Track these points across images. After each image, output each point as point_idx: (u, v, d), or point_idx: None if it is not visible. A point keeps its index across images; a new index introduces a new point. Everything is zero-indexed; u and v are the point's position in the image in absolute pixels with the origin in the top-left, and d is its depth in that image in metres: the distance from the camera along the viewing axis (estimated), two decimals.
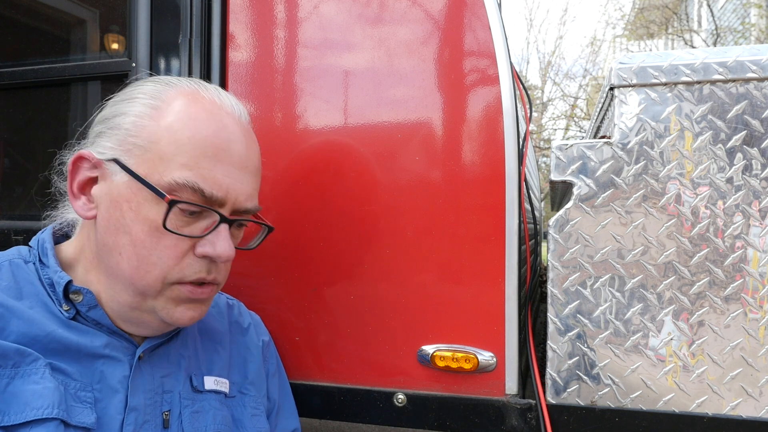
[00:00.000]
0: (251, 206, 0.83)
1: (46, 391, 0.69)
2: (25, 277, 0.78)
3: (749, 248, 0.95)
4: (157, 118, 0.77)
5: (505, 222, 1.02)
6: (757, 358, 0.94)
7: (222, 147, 0.77)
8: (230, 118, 0.81)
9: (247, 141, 0.83)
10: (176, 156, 0.74)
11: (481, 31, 1.05)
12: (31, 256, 0.81)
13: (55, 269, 0.78)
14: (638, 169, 0.98)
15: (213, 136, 0.77)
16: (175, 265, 0.76)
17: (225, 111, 0.81)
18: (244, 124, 0.84)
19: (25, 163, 1.44)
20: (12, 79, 1.39)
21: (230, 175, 0.78)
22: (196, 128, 0.76)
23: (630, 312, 0.98)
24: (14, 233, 1.35)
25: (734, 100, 0.95)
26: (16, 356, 0.70)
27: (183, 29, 1.19)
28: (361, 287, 1.10)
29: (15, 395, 0.68)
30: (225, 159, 0.78)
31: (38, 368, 0.71)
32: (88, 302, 0.77)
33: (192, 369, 0.87)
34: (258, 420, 0.93)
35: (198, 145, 0.75)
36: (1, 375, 0.69)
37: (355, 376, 1.11)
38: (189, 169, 0.74)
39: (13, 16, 1.49)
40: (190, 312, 0.79)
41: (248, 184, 0.82)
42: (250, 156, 0.82)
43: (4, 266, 0.78)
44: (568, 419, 1.00)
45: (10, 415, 0.67)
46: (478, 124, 1.04)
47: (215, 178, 0.76)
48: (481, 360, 1.03)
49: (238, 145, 0.80)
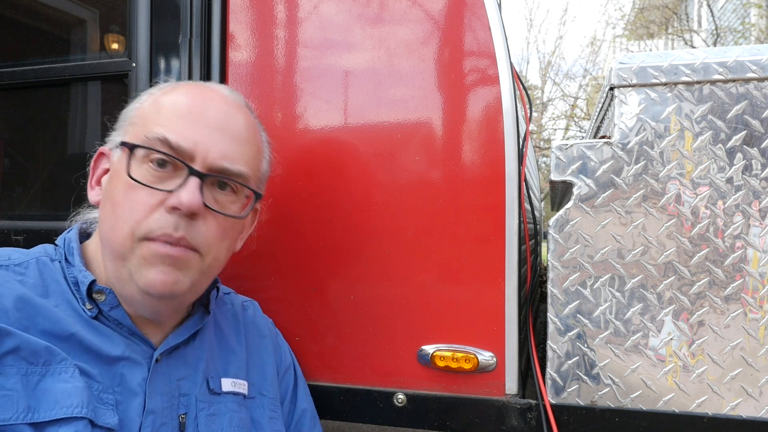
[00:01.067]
0: (231, 167, 0.82)
1: (76, 390, 0.70)
2: (51, 275, 0.79)
3: (749, 248, 0.95)
4: (150, 100, 0.84)
5: (505, 222, 1.02)
6: (757, 358, 0.94)
7: (198, 111, 0.81)
8: (216, 94, 0.86)
9: (230, 108, 0.85)
10: (154, 119, 0.80)
11: (481, 31, 1.05)
12: (57, 254, 0.82)
13: (80, 268, 0.79)
14: (638, 169, 0.98)
15: (190, 102, 0.82)
16: (143, 219, 0.76)
17: (213, 90, 0.87)
18: (233, 100, 0.87)
19: (25, 163, 1.44)
20: (12, 79, 1.39)
21: (202, 133, 0.80)
22: (177, 97, 0.83)
23: (630, 312, 0.98)
24: (14, 233, 1.35)
25: (734, 100, 0.95)
26: (47, 354, 0.71)
27: (183, 29, 1.19)
28: (361, 287, 1.10)
29: (45, 393, 0.69)
30: (199, 119, 0.81)
31: (68, 367, 0.72)
32: (110, 302, 0.78)
33: (209, 371, 0.87)
34: (276, 423, 0.93)
35: (173, 107, 0.81)
36: (32, 372, 0.70)
37: (355, 376, 1.11)
38: (161, 126, 0.79)
39: (13, 16, 1.49)
40: (162, 276, 0.76)
41: (225, 144, 0.82)
42: (231, 120, 0.84)
43: (31, 264, 0.79)
44: (568, 419, 1.00)
45: (40, 412, 0.68)
46: (478, 124, 1.04)
47: (183, 133, 0.79)
48: (481, 360, 1.03)
49: (215, 108, 0.83)
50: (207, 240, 0.80)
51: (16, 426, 0.66)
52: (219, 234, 0.82)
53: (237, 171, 0.82)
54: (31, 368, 0.70)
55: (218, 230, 0.82)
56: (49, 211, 1.38)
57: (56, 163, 1.40)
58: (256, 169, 0.90)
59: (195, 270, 0.80)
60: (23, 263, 0.78)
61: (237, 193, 0.85)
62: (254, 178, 0.88)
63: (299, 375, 1.06)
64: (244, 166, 0.84)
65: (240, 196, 0.86)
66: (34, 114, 1.42)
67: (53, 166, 1.41)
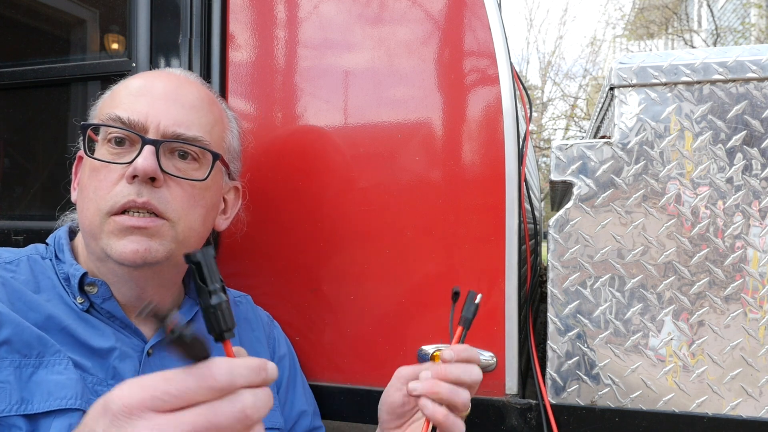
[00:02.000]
0: (185, 132, 0.83)
1: (70, 381, 0.71)
2: (42, 272, 0.80)
3: (749, 248, 0.95)
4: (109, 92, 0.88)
5: (505, 222, 1.02)
6: (757, 358, 0.94)
7: (146, 86, 0.84)
8: (166, 73, 0.89)
9: (180, 82, 0.87)
10: (110, 104, 0.84)
11: (481, 31, 1.05)
12: (47, 252, 0.84)
13: (71, 262, 0.81)
14: (638, 169, 0.98)
15: (140, 80, 0.86)
16: (107, 194, 0.78)
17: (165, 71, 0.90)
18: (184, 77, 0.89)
19: (25, 163, 1.44)
20: (12, 79, 1.39)
21: (152, 104, 0.82)
22: (130, 81, 0.86)
23: (630, 312, 0.98)
24: (14, 233, 1.35)
25: (734, 100, 0.95)
26: (40, 345, 0.71)
27: (183, 29, 1.19)
28: (360, 287, 1.10)
29: (39, 384, 0.69)
30: (147, 93, 0.83)
31: (62, 359, 0.72)
32: (102, 294, 0.79)
33: None
34: (273, 414, 0.94)
35: (126, 89, 0.84)
36: (25, 364, 0.70)
37: (355, 376, 1.11)
38: (114, 108, 0.81)
39: (13, 16, 1.49)
40: (132, 244, 0.77)
41: (176, 112, 0.83)
42: (180, 91, 0.85)
43: (22, 261, 0.80)
44: (568, 419, 1.00)
45: (33, 403, 0.68)
46: (478, 124, 1.04)
47: (134, 107, 0.81)
48: (481, 360, 1.03)
49: (165, 82, 0.85)
50: (174, 206, 0.81)
51: (10, 418, 0.66)
52: (187, 200, 0.82)
53: (192, 136, 0.83)
54: (25, 360, 0.70)
55: (185, 196, 0.82)
56: (49, 211, 1.38)
57: (56, 163, 1.40)
58: (219, 139, 0.90)
59: (168, 238, 0.80)
60: (14, 261, 0.79)
61: (199, 161, 0.85)
62: (217, 147, 0.88)
63: (298, 371, 1.06)
64: (199, 131, 0.84)
65: (202, 163, 0.86)
66: (34, 114, 1.42)
67: (53, 166, 1.41)
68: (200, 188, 0.84)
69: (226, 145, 0.92)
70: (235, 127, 0.96)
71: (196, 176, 0.84)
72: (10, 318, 0.71)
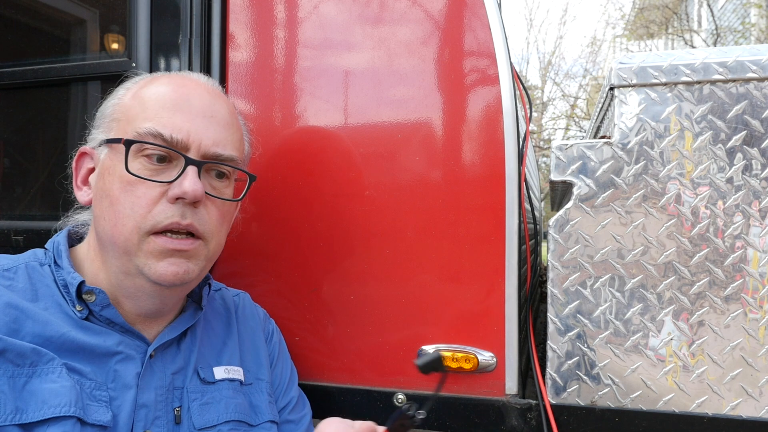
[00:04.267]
0: (223, 152, 0.83)
1: (63, 389, 0.71)
2: (41, 279, 0.80)
3: (749, 248, 0.95)
4: (129, 95, 0.85)
5: (505, 222, 1.02)
6: (757, 358, 0.94)
7: (182, 99, 0.82)
8: (192, 81, 0.87)
9: (212, 96, 0.86)
10: (141, 113, 0.81)
11: (481, 31, 1.05)
12: (46, 258, 0.83)
13: (69, 270, 0.80)
14: (638, 169, 0.98)
15: (172, 92, 0.83)
16: (147, 213, 0.77)
17: (191, 79, 0.88)
18: (212, 88, 0.89)
19: (25, 163, 1.44)
20: (12, 79, 1.39)
21: (192, 121, 0.81)
22: (158, 89, 0.83)
23: (630, 312, 0.98)
24: (14, 233, 1.35)
25: (734, 100, 0.95)
26: (33, 355, 0.71)
27: (183, 29, 1.19)
28: (360, 287, 1.10)
29: (33, 393, 0.70)
30: (185, 108, 0.82)
31: (55, 367, 0.72)
32: (101, 302, 0.79)
33: (199, 362, 0.88)
34: (275, 407, 0.95)
35: (158, 100, 0.81)
36: (18, 374, 0.70)
37: (355, 376, 1.11)
38: (150, 120, 0.79)
39: (13, 16, 1.49)
40: (173, 267, 0.78)
41: (214, 131, 0.83)
42: (215, 107, 0.85)
43: (20, 269, 0.80)
44: (568, 419, 1.00)
45: (28, 412, 0.68)
46: (478, 124, 1.04)
47: (175, 123, 0.80)
48: (481, 360, 1.03)
49: (199, 97, 0.84)
50: (210, 226, 0.82)
51: (5, 427, 0.66)
52: (219, 219, 0.84)
53: (229, 155, 0.84)
54: (18, 370, 0.70)
55: (218, 216, 0.84)
56: (49, 211, 1.38)
57: (56, 163, 1.40)
58: (242, 152, 0.92)
59: (202, 257, 0.82)
60: (12, 269, 0.79)
61: (230, 177, 0.87)
62: (241, 160, 0.90)
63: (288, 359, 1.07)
64: (233, 150, 0.86)
65: (231, 180, 0.88)
66: (34, 114, 1.42)
67: (53, 166, 1.41)
68: (229, 206, 0.87)
69: (245, 155, 0.94)
70: (247, 136, 0.98)
71: (227, 194, 0.86)
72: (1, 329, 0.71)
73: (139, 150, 0.79)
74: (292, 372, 1.06)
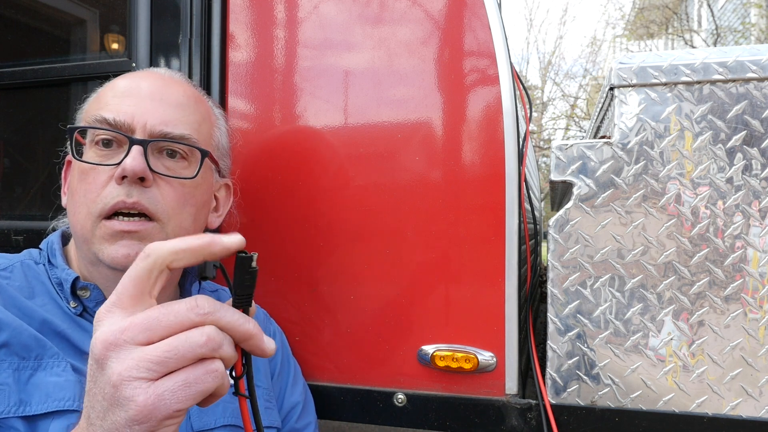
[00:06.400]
0: (173, 131, 0.82)
1: (68, 383, 0.71)
2: (36, 277, 0.80)
3: (749, 248, 0.95)
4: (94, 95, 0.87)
5: (505, 222, 1.02)
6: (757, 358, 0.94)
7: (131, 87, 0.83)
8: (152, 73, 0.88)
9: (165, 82, 0.86)
10: (96, 106, 0.83)
11: (481, 31, 1.05)
12: (41, 257, 0.84)
13: (63, 267, 0.80)
14: (638, 169, 0.98)
15: (125, 81, 0.85)
16: (97, 197, 0.77)
17: (151, 71, 0.89)
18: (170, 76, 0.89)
19: (25, 163, 1.44)
20: (12, 79, 1.39)
21: (138, 105, 0.81)
22: (114, 82, 0.85)
23: (630, 312, 0.98)
24: (14, 233, 1.35)
25: (734, 100, 0.95)
26: (38, 348, 0.72)
27: (183, 29, 1.19)
28: (360, 287, 1.10)
29: (37, 386, 0.70)
30: (133, 94, 0.82)
31: (60, 361, 0.73)
32: (95, 297, 0.79)
33: None
34: (271, 413, 0.94)
35: (111, 91, 0.84)
36: (24, 367, 0.70)
37: (355, 376, 1.11)
38: (100, 109, 0.81)
39: (13, 16, 1.49)
40: (124, 249, 0.77)
41: (163, 111, 0.82)
42: (166, 91, 0.85)
43: (16, 267, 0.80)
44: (568, 419, 1.00)
45: (32, 405, 0.68)
46: (478, 124, 1.04)
47: (119, 108, 0.80)
48: (481, 360, 1.03)
49: (150, 83, 0.84)
50: (164, 206, 0.80)
51: (9, 420, 0.66)
52: (177, 199, 0.82)
53: (179, 134, 0.83)
54: (23, 363, 0.70)
55: (175, 195, 0.82)
56: (50, 212, 1.38)
57: (56, 163, 1.40)
58: (207, 137, 0.90)
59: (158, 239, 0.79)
60: (8, 267, 0.80)
61: (188, 159, 0.85)
62: (205, 144, 0.88)
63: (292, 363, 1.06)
64: (186, 129, 0.84)
65: (190, 161, 0.85)
66: (34, 114, 1.42)
67: (53, 166, 1.41)
68: (190, 186, 0.84)
69: (215, 142, 0.92)
70: (223, 125, 0.96)
71: (185, 174, 0.83)
72: (8, 321, 0.71)
73: (92, 140, 0.80)
74: (296, 374, 1.06)
